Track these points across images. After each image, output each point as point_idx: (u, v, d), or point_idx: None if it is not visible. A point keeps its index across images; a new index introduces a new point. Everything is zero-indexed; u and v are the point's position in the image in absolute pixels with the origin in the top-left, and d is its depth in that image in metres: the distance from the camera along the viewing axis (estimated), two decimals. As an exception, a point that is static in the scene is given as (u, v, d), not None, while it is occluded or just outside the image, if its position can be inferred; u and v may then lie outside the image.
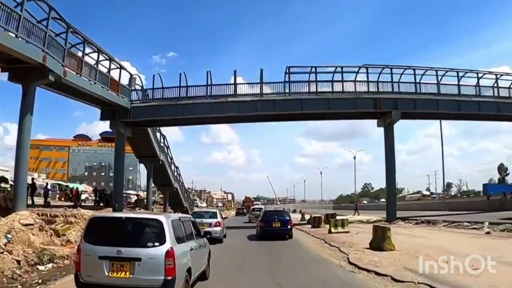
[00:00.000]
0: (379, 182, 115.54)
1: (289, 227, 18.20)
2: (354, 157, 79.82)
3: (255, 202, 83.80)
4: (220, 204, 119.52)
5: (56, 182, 46.13)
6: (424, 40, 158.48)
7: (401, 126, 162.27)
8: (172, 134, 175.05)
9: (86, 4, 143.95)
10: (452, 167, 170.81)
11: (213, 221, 16.45)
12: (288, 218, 18.92)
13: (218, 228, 16.18)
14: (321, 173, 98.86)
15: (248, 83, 27.58)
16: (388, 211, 27.19)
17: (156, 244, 5.68)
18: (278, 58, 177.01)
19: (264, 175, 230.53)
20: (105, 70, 24.87)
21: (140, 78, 28.67)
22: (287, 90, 26.82)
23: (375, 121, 28.57)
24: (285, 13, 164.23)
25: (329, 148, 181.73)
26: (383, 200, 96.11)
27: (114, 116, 26.96)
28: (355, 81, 28.06)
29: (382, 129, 28.02)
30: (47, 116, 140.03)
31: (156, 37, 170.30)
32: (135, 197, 60.72)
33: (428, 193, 70.96)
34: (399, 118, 27.50)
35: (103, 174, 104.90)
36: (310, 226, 23.80)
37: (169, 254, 5.62)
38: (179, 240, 6.25)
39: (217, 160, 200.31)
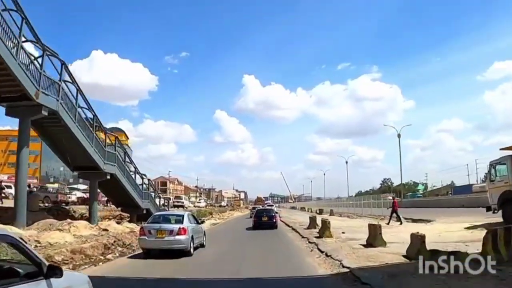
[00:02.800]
0: (397, 178, 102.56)
1: (274, 220, 24.39)
2: (399, 135, 59.67)
3: (265, 202, 79.96)
4: (224, 203, 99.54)
5: None
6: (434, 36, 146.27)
7: (413, 121, 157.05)
8: (184, 134, 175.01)
9: (99, 5, 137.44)
10: (465, 162, 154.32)
11: (176, 227, 12.04)
12: (273, 214, 25.36)
13: (182, 237, 11.92)
14: (346, 162, 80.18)
15: None
16: None
17: None
18: (294, 58, 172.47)
19: (277, 174, 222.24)
20: None
21: None
22: None
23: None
24: (301, 12, 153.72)
25: (342, 145, 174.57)
26: (418, 194, 76.75)
27: None
28: None
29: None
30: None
31: (168, 38, 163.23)
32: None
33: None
34: None
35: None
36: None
37: None
38: None
39: (230, 159, 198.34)
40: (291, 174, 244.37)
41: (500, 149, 16.86)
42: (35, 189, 31.21)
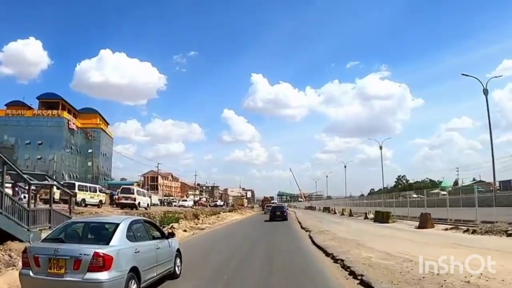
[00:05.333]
0: (411, 176, 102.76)
1: (285, 214, 32.74)
2: (486, 90, 39.44)
3: (272, 202, 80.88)
4: (220, 202, 79.94)
5: None
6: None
7: (422, 120, 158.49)
8: (192, 133, 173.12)
9: (108, 5, 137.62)
10: (474, 160, 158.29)
11: (87, 253, 5.31)
12: (284, 209, 35.28)
13: (100, 276, 5.24)
14: (381, 148, 60.72)
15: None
16: None
17: None
18: (303, 56, 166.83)
19: (285, 173, 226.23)
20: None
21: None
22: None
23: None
24: (310, 11, 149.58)
25: (351, 144, 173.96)
26: (480, 188, 57.52)
27: None
28: None
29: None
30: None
31: (177, 37, 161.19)
32: None
33: None
34: None
35: (39, 157, 67.69)
36: None
37: None
38: None
39: (239, 158, 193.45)
40: (299, 173, 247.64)
41: None
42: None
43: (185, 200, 56.60)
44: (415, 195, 36.39)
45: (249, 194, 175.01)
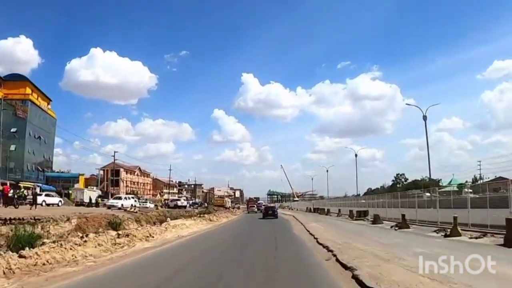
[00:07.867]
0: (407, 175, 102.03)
1: (275, 213, 38.47)
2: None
3: (258, 202, 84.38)
4: (184, 203, 58.26)
5: None
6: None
7: (414, 119, 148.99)
8: (183, 133, 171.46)
9: (99, 4, 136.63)
10: (464, 161, 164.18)
11: None
12: (275, 209, 41.84)
13: None
14: (425, 118, 41.65)
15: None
16: None
17: None
18: (294, 56, 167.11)
19: (276, 173, 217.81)
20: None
21: None
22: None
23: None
24: (301, 10, 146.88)
25: (342, 144, 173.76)
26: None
27: None
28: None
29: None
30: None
31: (168, 36, 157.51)
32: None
33: None
34: None
35: None
36: None
37: None
38: None
39: (229, 158, 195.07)
40: (289, 173, 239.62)
41: None
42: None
43: (119, 198, 35.78)
44: (428, 194, 31.52)
45: (237, 194, 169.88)
